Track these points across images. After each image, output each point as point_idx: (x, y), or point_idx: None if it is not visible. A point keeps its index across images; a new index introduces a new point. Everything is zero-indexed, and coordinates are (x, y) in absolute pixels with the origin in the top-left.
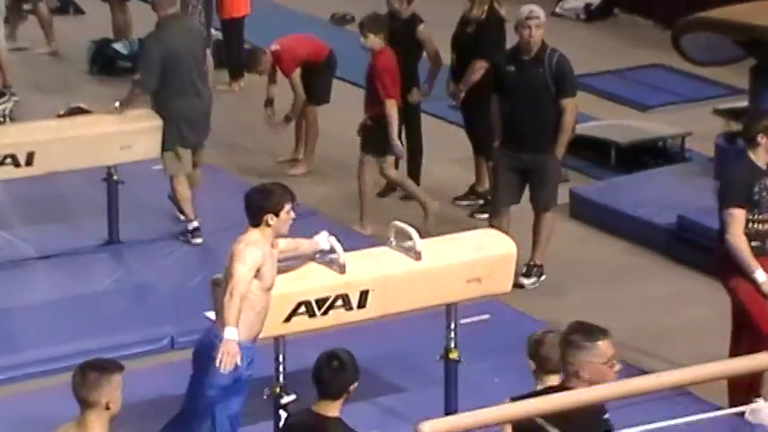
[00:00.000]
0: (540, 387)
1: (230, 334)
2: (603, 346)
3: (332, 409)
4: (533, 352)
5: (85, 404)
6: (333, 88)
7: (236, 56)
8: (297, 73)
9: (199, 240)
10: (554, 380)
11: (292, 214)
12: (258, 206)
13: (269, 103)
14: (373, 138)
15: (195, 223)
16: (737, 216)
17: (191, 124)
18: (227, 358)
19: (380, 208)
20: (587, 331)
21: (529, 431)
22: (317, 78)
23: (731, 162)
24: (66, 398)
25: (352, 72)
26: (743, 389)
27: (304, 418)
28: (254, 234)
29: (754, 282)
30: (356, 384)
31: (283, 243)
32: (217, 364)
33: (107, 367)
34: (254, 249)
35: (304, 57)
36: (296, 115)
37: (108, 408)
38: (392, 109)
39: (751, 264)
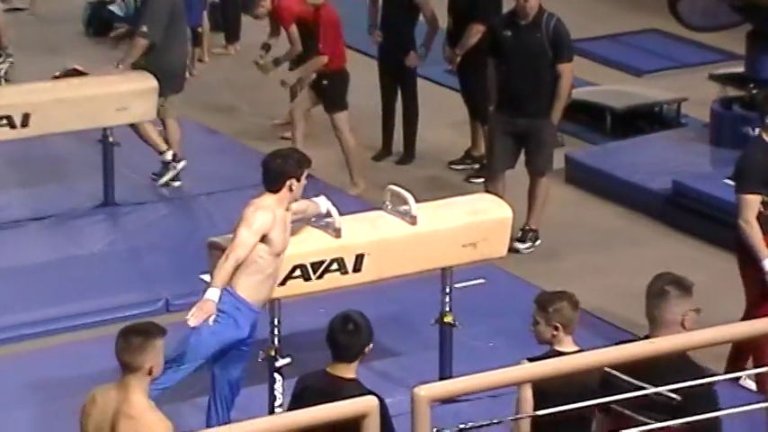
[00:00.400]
0: (558, 348)
1: (211, 294)
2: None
3: (348, 371)
4: (553, 317)
5: (129, 368)
6: None
7: (232, 19)
8: (294, 26)
9: (181, 165)
10: (568, 341)
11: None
12: (281, 172)
13: (265, 46)
14: (334, 94)
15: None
16: (751, 202)
17: (183, 71)
18: (199, 313)
19: (375, 172)
20: (682, 282)
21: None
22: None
23: (747, 145)
24: (61, 360)
25: (347, 35)
26: (744, 356)
27: (320, 380)
28: (267, 199)
29: (761, 269)
30: (371, 346)
31: (293, 206)
32: (188, 316)
33: (151, 331)
34: (263, 214)
35: (298, 12)
36: (287, 59)
37: (150, 372)
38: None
39: (761, 250)
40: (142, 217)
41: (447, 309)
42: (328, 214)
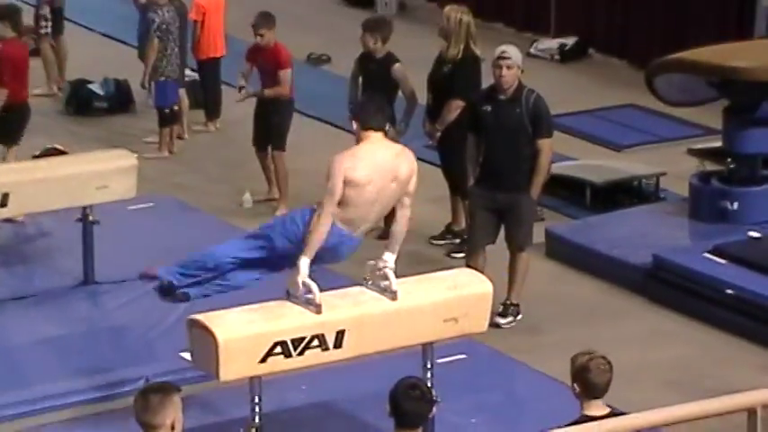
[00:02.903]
0: (586, 413)
1: (302, 264)
2: None
3: None
4: (580, 377)
5: (151, 428)
6: (307, 128)
7: (212, 96)
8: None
9: None
10: (598, 404)
11: None
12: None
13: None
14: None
15: None
16: None
17: None
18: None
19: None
20: None
21: None
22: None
23: None
24: None
25: (327, 111)
26: None
27: None
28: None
29: None
30: (434, 412)
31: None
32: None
33: (167, 389)
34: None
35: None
36: (261, 95)
37: (173, 428)
38: None
39: None
40: (122, 295)
41: (428, 384)
42: (309, 290)
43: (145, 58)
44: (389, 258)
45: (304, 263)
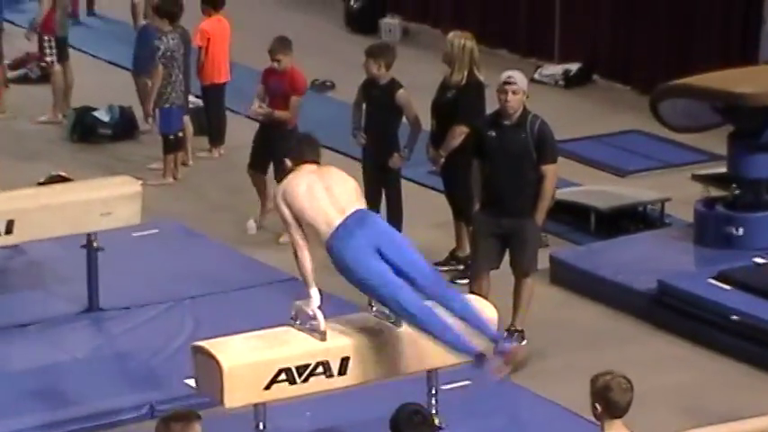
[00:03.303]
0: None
1: (314, 294)
2: None
3: None
4: (601, 396)
5: None
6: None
7: (216, 122)
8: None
9: None
10: (618, 425)
11: None
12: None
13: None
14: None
15: None
16: None
17: None
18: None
19: None
20: None
21: None
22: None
23: None
24: None
25: (332, 137)
26: None
27: None
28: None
29: None
30: None
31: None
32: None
33: (189, 416)
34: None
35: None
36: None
37: None
38: None
39: None
40: (127, 321)
41: (433, 411)
42: (314, 317)
43: (145, 83)
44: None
45: (315, 293)
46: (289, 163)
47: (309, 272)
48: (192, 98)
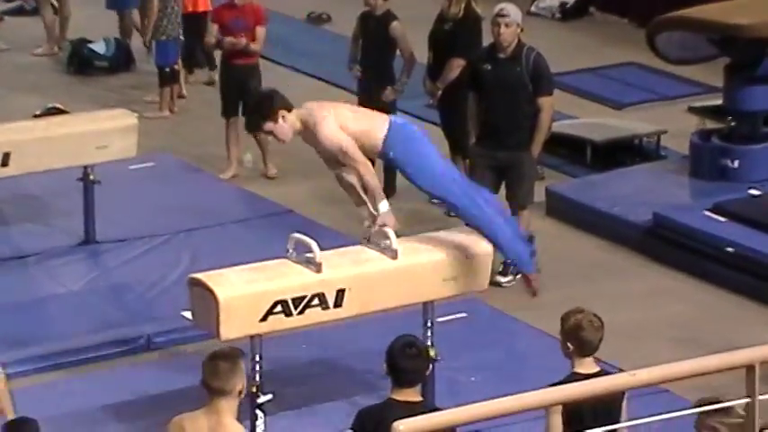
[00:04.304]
0: (578, 370)
1: (383, 207)
2: None
3: (414, 395)
4: (573, 336)
5: (220, 393)
6: (306, 87)
7: (193, 51)
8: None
9: None
10: (588, 362)
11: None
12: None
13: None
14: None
15: None
16: None
17: None
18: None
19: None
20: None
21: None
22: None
23: None
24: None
25: (327, 70)
26: None
27: (390, 409)
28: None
29: None
30: (430, 369)
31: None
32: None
33: (235, 355)
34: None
35: None
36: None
37: (240, 393)
38: None
39: None
40: (123, 254)
41: (429, 343)
42: (309, 249)
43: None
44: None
45: (386, 204)
46: (283, 113)
47: (377, 188)
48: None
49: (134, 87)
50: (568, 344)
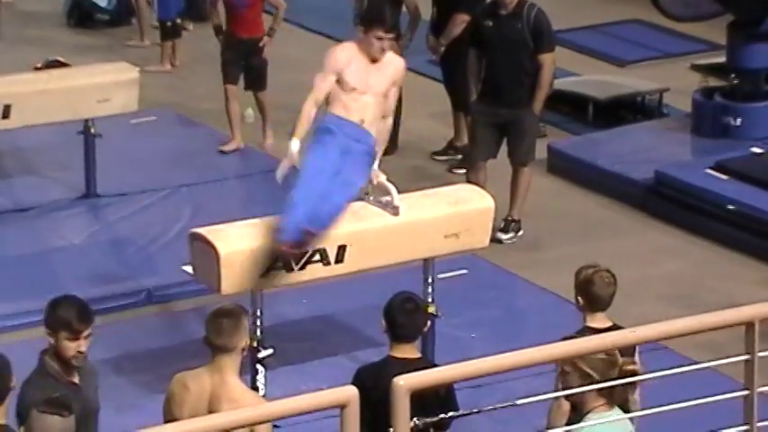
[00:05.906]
0: (589, 324)
1: (292, 145)
2: None
3: (413, 351)
4: (583, 290)
5: (223, 350)
6: (296, 38)
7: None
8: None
9: None
10: (600, 317)
11: None
12: None
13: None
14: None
15: None
16: None
17: None
18: (284, 163)
19: None
20: None
21: None
22: None
23: None
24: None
25: (329, 25)
26: None
27: (389, 366)
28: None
29: None
30: (429, 325)
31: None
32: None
33: (237, 312)
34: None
35: None
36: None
37: (243, 350)
38: None
39: None
40: (124, 208)
41: (429, 299)
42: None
43: None
44: (291, 147)
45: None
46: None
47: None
48: None
49: (135, 41)
50: (579, 298)
